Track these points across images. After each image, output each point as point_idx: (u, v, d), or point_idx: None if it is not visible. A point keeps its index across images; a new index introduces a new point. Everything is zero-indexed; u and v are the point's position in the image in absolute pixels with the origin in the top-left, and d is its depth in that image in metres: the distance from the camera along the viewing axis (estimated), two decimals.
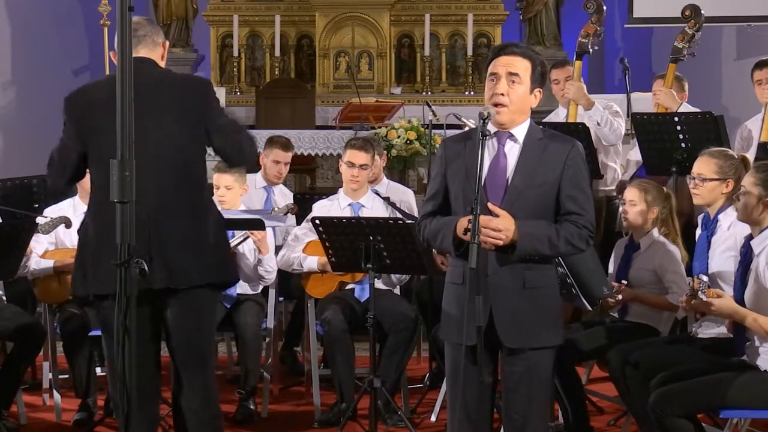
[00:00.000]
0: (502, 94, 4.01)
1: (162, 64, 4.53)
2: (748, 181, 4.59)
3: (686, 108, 6.83)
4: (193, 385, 4.42)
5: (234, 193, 6.21)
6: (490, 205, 3.93)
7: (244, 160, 4.64)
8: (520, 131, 4.07)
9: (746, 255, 4.58)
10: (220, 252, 4.44)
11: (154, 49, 4.48)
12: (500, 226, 3.91)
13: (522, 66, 4.04)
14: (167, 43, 4.60)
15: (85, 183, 6.14)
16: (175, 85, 4.42)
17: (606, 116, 7.02)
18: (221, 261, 4.45)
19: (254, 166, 4.78)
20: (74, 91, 4.58)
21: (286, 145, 7.22)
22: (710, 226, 5.11)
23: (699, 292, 4.44)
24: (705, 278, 4.51)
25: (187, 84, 4.51)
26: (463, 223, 3.93)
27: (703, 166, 5.12)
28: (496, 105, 4.02)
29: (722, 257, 4.99)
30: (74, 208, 6.18)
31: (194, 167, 4.37)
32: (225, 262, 4.48)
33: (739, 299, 4.51)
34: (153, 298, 4.29)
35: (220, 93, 9.58)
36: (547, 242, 3.98)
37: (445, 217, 4.08)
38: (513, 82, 4.02)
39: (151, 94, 4.28)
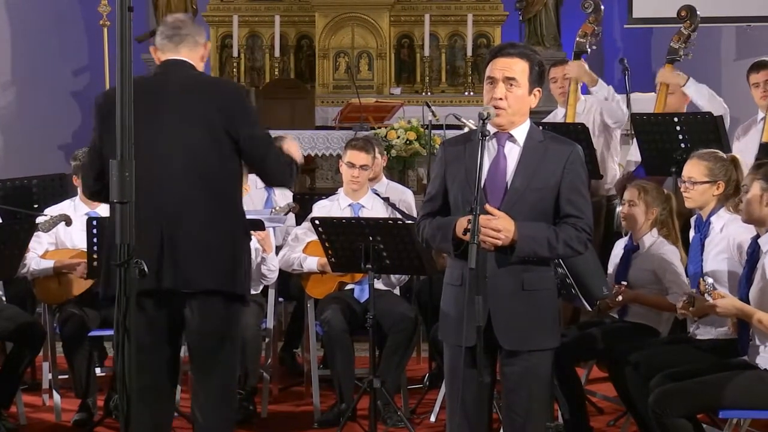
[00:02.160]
0: (501, 99, 4.01)
1: (201, 64, 4.52)
2: (749, 179, 4.59)
3: (694, 83, 6.81)
4: (203, 390, 4.42)
5: None
6: (488, 207, 3.93)
7: (273, 178, 4.51)
8: (520, 133, 4.07)
9: (753, 254, 4.57)
10: (232, 261, 4.38)
11: (194, 49, 4.47)
12: (500, 226, 3.91)
13: (519, 68, 4.03)
14: (209, 44, 4.58)
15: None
16: (206, 90, 4.39)
17: (612, 90, 7.06)
18: (233, 271, 4.38)
19: (289, 185, 4.71)
20: (102, 92, 4.62)
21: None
22: (703, 228, 5.10)
23: (705, 294, 4.44)
24: (710, 280, 4.50)
25: (218, 88, 4.47)
26: (462, 223, 3.93)
27: (693, 169, 5.11)
28: (494, 108, 4.02)
29: (716, 259, 4.98)
30: (75, 208, 6.18)
31: (215, 173, 4.32)
32: (237, 273, 4.40)
33: (744, 297, 4.51)
34: (172, 302, 4.31)
35: None
36: (546, 244, 3.98)
37: (445, 217, 4.08)
38: (510, 85, 4.01)
39: (178, 98, 4.30)
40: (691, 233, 5.24)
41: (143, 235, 4.14)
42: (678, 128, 6.39)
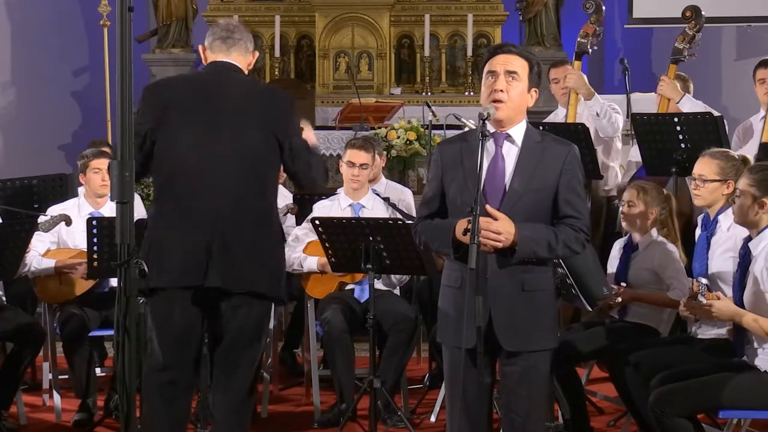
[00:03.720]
0: (501, 91, 4.01)
1: (247, 72, 4.57)
2: (743, 183, 4.58)
3: (688, 100, 6.81)
4: (224, 389, 4.45)
5: None
6: (488, 208, 3.92)
7: (312, 183, 4.63)
8: (518, 132, 4.07)
9: (745, 257, 4.57)
10: (275, 264, 4.47)
11: (244, 56, 4.53)
12: (500, 228, 3.91)
13: (520, 64, 4.04)
14: (257, 54, 4.63)
15: (92, 183, 6.19)
16: (258, 94, 4.48)
17: (605, 107, 7.04)
18: (275, 274, 4.46)
19: (323, 189, 4.87)
20: (155, 82, 4.67)
21: None
22: (710, 226, 5.10)
23: (699, 295, 4.44)
24: (704, 281, 4.50)
25: (272, 96, 4.56)
26: (462, 224, 3.92)
27: (704, 167, 5.11)
28: (494, 102, 4.02)
29: (722, 258, 4.99)
30: (78, 208, 6.19)
31: (265, 176, 4.41)
32: (278, 276, 4.50)
33: (738, 302, 4.51)
34: (212, 300, 4.36)
35: None
36: (545, 245, 3.98)
37: (444, 219, 4.07)
38: (512, 78, 4.02)
39: (235, 99, 4.37)
40: (698, 231, 5.24)
41: (195, 231, 4.26)
42: (678, 128, 6.39)
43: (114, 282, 5.66)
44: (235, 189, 4.34)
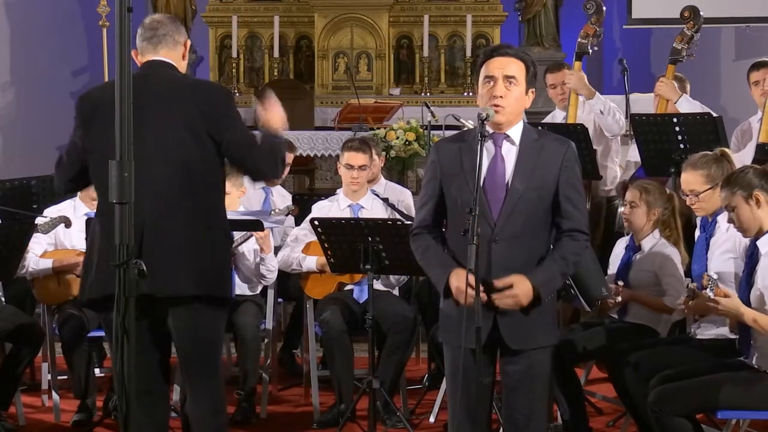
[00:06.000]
0: (501, 97, 4.01)
1: (183, 63, 4.45)
2: (727, 197, 4.53)
3: (686, 100, 6.81)
4: (198, 393, 4.39)
5: (231, 197, 6.14)
6: (495, 282, 3.94)
7: (260, 177, 4.52)
8: (516, 132, 4.08)
9: (752, 256, 4.56)
10: (213, 264, 4.30)
11: (174, 49, 4.39)
12: (518, 292, 3.96)
13: (517, 67, 4.05)
14: (189, 42, 4.50)
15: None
16: (188, 92, 4.31)
17: (609, 104, 7.05)
18: (212, 273, 4.30)
19: (276, 179, 4.67)
20: (88, 90, 4.54)
21: (289, 146, 7.23)
22: (709, 228, 5.09)
23: (707, 289, 4.42)
24: (714, 275, 4.49)
25: (203, 91, 4.36)
26: (456, 278, 3.94)
27: (692, 180, 5.07)
28: (494, 107, 4.02)
29: (721, 259, 4.98)
30: (74, 209, 6.18)
31: (197, 176, 4.25)
32: (217, 275, 4.33)
33: (745, 300, 4.50)
34: (155, 304, 4.25)
35: None
36: (560, 277, 4.08)
37: (441, 254, 4.07)
38: (510, 83, 4.03)
39: (160, 99, 4.23)
40: (697, 233, 5.23)
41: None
42: (677, 129, 6.39)
43: None
44: (161, 192, 4.19)
